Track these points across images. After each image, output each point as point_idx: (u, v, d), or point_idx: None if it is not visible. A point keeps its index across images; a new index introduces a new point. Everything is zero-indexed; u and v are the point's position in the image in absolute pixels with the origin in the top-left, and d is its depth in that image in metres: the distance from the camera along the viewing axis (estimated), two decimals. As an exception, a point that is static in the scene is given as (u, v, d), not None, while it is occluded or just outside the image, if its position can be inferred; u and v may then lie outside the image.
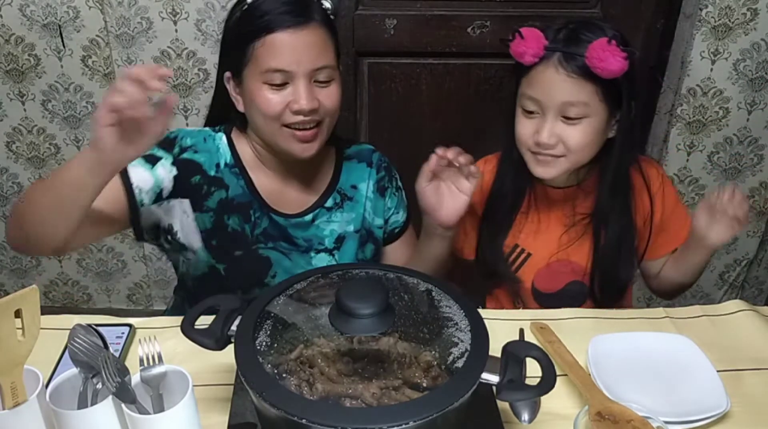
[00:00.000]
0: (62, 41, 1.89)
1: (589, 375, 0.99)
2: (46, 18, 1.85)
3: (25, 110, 2.00)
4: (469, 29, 1.87)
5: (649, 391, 0.98)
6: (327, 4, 1.18)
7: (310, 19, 1.11)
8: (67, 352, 0.82)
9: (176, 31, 1.86)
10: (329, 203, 1.29)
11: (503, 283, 1.38)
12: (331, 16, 1.19)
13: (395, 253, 1.41)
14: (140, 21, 1.85)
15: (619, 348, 1.06)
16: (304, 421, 0.75)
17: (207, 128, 1.25)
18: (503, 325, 1.13)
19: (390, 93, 1.97)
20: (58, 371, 0.99)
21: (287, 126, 1.13)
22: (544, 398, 0.88)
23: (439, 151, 1.16)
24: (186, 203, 1.19)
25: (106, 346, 0.82)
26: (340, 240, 1.30)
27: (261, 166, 1.24)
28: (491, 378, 0.79)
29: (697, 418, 0.92)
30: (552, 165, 1.18)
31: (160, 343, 0.83)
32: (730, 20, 1.82)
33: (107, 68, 1.92)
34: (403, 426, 0.71)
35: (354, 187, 1.32)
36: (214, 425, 0.91)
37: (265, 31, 1.09)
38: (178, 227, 1.21)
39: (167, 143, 1.18)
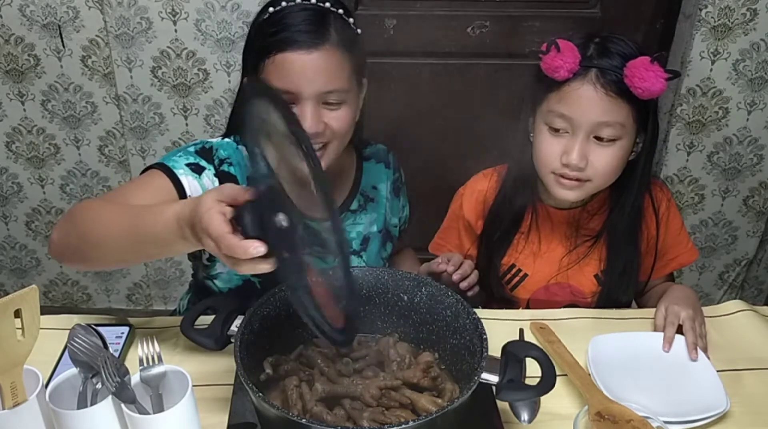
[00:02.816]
0: (62, 41, 1.89)
1: (589, 375, 0.99)
2: (45, 18, 1.85)
3: (24, 110, 2.00)
4: (468, 29, 1.87)
5: (649, 391, 0.98)
6: (350, 20, 1.13)
7: (325, 41, 1.06)
8: (66, 352, 0.82)
9: (176, 31, 1.86)
10: (354, 206, 1.28)
11: (498, 300, 1.35)
12: (357, 29, 1.14)
13: (401, 266, 1.42)
14: (140, 21, 1.84)
15: (619, 348, 1.05)
16: (303, 421, 0.75)
17: (231, 140, 1.20)
18: (503, 325, 1.13)
19: (390, 93, 1.96)
20: (57, 371, 0.99)
21: None
22: (543, 398, 0.88)
23: (450, 268, 1.16)
24: None
25: (105, 346, 0.82)
26: (365, 241, 1.30)
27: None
28: (491, 378, 0.79)
29: (696, 418, 0.92)
30: (577, 188, 1.13)
31: (160, 343, 0.83)
32: (729, 20, 1.82)
33: (107, 68, 1.92)
34: (403, 426, 0.71)
35: (375, 187, 1.32)
36: (214, 425, 0.91)
37: (276, 49, 1.06)
38: None
39: (207, 154, 1.15)
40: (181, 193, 1.08)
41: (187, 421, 0.78)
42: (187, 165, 1.11)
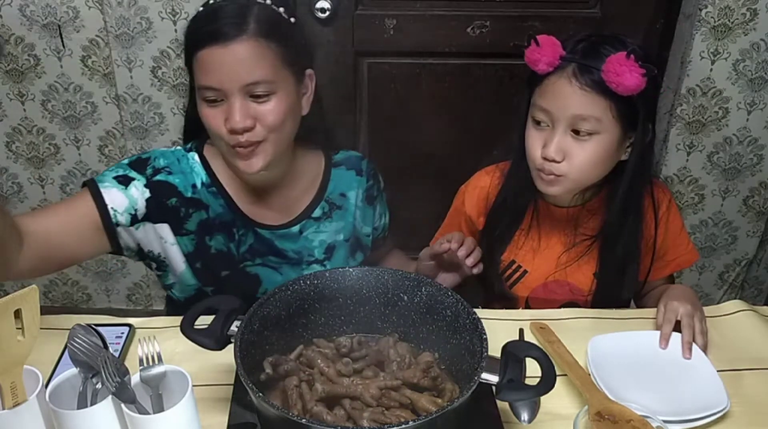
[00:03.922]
0: (62, 41, 1.89)
1: (589, 375, 0.99)
2: (45, 18, 1.85)
3: (24, 110, 2.00)
4: (468, 29, 1.87)
5: (648, 391, 0.98)
6: (280, 10, 1.10)
7: (242, 32, 1.04)
8: (66, 352, 0.82)
9: (176, 31, 1.86)
10: (317, 213, 1.25)
11: (498, 297, 1.35)
12: (289, 18, 1.11)
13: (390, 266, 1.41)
14: (140, 21, 1.84)
15: (619, 348, 1.05)
16: (303, 421, 0.75)
17: (179, 148, 1.20)
18: (503, 325, 1.13)
19: (389, 93, 1.96)
20: (57, 371, 0.99)
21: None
22: (543, 398, 0.88)
23: (454, 245, 1.16)
24: (165, 229, 1.15)
25: (105, 346, 0.82)
26: (330, 250, 1.27)
27: (237, 179, 1.19)
28: (491, 378, 0.79)
29: (696, 417, 0.93)
30: (555, 183, 1.14)
31: (160, 343, 0.83)
32: (729, 20, 1.82)
33: (107, 68, 1.92)
34: (403, 426, 0.71)
35: (343, 195, 1.28)
36: (214, 425, 0.91)
37: (196, 47, 1.05)
38: (159, 250, 1.17)
39: (140, 164, 1.14)
40: (101, 207, 1.09)
41: (187, 421, 0.78)
42: (115, 178, 1.11)
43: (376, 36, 1.88)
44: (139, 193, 1.12)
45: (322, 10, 1.83)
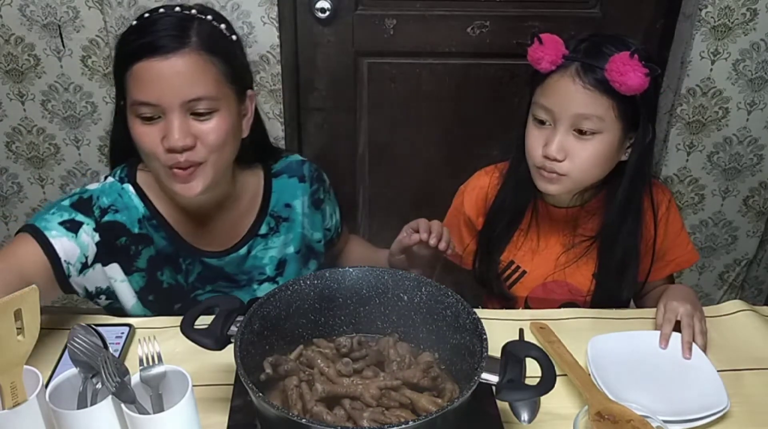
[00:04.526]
0: (62, 41, 1.89)
1: (589, 375, 0.99)
2: (45, 18, 1.85)
3: (24, 110, 2.00)
4: (468, 29, 1.87)
5: (648, 391, 0.98)
6: (221, 26, 1.06)
7: (184, 45, 0.99)
8: (66, 352, 0.82)
9: (176, 31, 1.86)
10: (263, 230, 1.20)
11: (497, 297, 1.35)
12: (231, 36, 1.07)
13: (352, 255, 1.40)
14: (140, 21, 1.84)
15: (619, 348, 1.06)
16: (304, 421, 0.75)
17: (113, 181, 1.12)
18: (503, 325, 1.13)
19: (389, 93, 1.96)
20: (57, 371, 0.99)
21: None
22: (543, 398, 0.88)
23: (423, 235, 1.15)
24: (115, 268, 1.11)
25: (105, 346, 0.82)
26: (281, 265, 1.23)
27: (176, 206, 1.14)
28: (491, 378, 0.79)
29: (696, 417, 0.93)
30: (556, 182, 1.14)
31: (160, 343, 0.83)
32: (729, 20, 1.82)
33: (107, 68, 1.92)
34: (403, 426, 0.71)
35: (288, 205, 1.24)
36: (214, 425, 0.91)
37: (131, 59, 0.98)
38: (107, 285, 1.12)
39: (83, 206, 1.07)
40: (53, 258, 1.02)
41: (187, 421, 0.78)
42: (62, 223, 1.04)
43: (376, 36, 1.88)
44: (89, 238, 1.06)
45: (322, 10, 1.83)
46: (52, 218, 1.05)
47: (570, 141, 1.11)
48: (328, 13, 1.83)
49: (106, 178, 1.14)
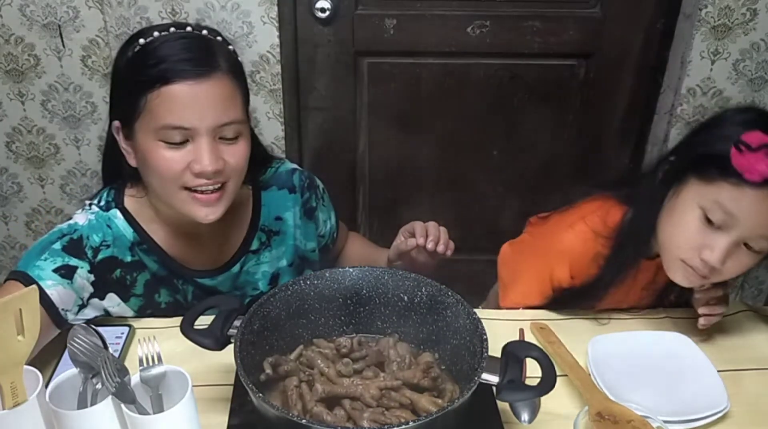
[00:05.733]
0: (62, 41, 1.89)
1: (589, 375, 0.99)
2: (45, 18, 1.85)
3: (24, 110, 2.00)
4: (468, 29, 1.87)
5: (649, 391, 0.98)
6: (229, 46, 1.05)
7: (215, 69, 0.97)
8: (66, 352, 0.82)
9: (176, 31, 1.86)
10: (255, 246, 1.19)
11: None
12: (237, 56, 1.05)
13: (352, 253, 1.39)
14: (140, 21, 1.84)
15: (619, 348, 1.06)
16: (304, 421, 0.75)
17: (97, 211, 1.09)
18: (503, 325, 1.13)
19: (389, 93, 1.96)
20: (58, 371, 0.99)
21: (187, 188, 1.00)
22: (544, 398, 0.88)
23: (420, 240, 1.13)
24: (112, 297, 1.10)
25: (105, 347, 0.82)
26: (274, 279, 1.22)
27: (167, 229, 1.12)
28: (491, 378, 0.79)
29: (696, 417, 0.93)
30: (697, 281, 1.04)
31: (160, 343, 0.83)
32: (729, 20, 1.82)
33: (107, 68, 1.92)
34: (403, 426, 0.71)
35: (279, 218, 1.21)
36: (214, 425, 0.91)
37: (161, 81, 0.94)
38: (104, 312, 1.10)
39: (75, 248, 1.03)
40: (50, 308, 0.98)
41: (187, 421, 0.78)
42: (56, 271, 1.00)
43: (376, 36, 1.88)
44: (84, 280, 1.04)
45: (322, 10, 1.83)
46: (45, 266, 1.00)
47: (734, 251, 0.99)
48: (328, 12, 1.83)
49: (90, 205, 1.11)
